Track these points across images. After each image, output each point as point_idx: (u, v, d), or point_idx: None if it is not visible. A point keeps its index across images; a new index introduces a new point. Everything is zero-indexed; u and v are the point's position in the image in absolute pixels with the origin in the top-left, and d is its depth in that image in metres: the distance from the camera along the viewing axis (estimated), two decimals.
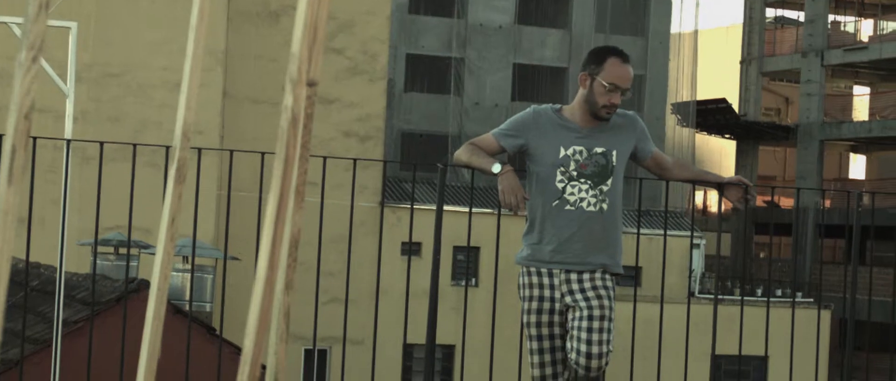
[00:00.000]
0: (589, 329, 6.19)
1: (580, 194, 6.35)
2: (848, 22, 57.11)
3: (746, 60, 56.04)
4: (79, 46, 18.13)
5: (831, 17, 55.12)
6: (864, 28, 57.12)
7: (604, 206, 6.37)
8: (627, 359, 8.45)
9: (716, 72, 60.68)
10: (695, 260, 43.65)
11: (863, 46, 52.79)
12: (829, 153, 55.34)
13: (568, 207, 6.34)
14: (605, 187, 6.37)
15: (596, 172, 6.37)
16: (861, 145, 56.93)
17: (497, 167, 6.32)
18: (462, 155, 6.48)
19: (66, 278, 16.03)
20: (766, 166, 58.81)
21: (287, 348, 1.91)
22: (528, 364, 6.48)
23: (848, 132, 53.06)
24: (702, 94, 53.70)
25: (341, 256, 33.12)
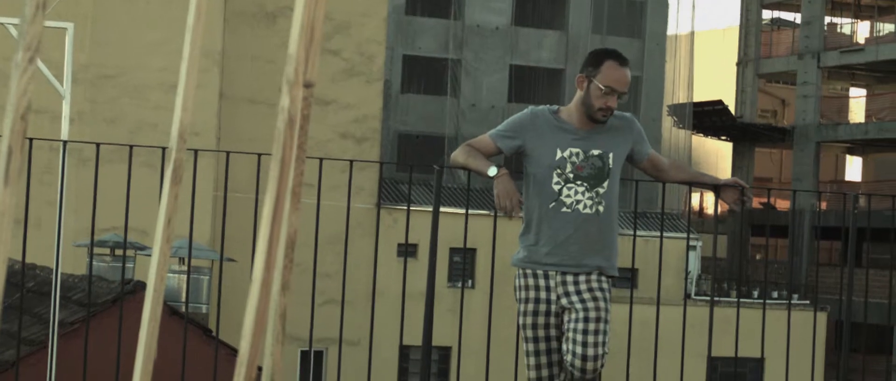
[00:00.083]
0: (585, 331, 6.19)
1: (576, 197, 6.34)
2: (844, 24, 57.13)
3: (743, 62, 56.05)
4: (75, 47, 18.12)
5: (828, 19, 55.13)
6: (860, 30, 57.14)
7: (600, 208, 6.37)
8: (623, 361, 8.46)
9: (712, 74, 60.71)
10: (691, 262, 43.66)
11: (859, 48, 52.81)
12: (825, 155, 55.35)
13: (564, 209, 6.34)
14: (601, 190, 6.37)
15: (592, 175, 6.36)
16: (857, 147, 56.95)
17: (493, 170, 6.31)
18: (458, 156, 6.48)
19: (63, 280, 16.01)
20: (762, 168, 58.82)
21: (283, 349, 1.91)
22: (525, 366, 6.48)
23: (844, 134, 53.08)
24: (698, 95, 53.72)
25: (338, 257, 33.17)
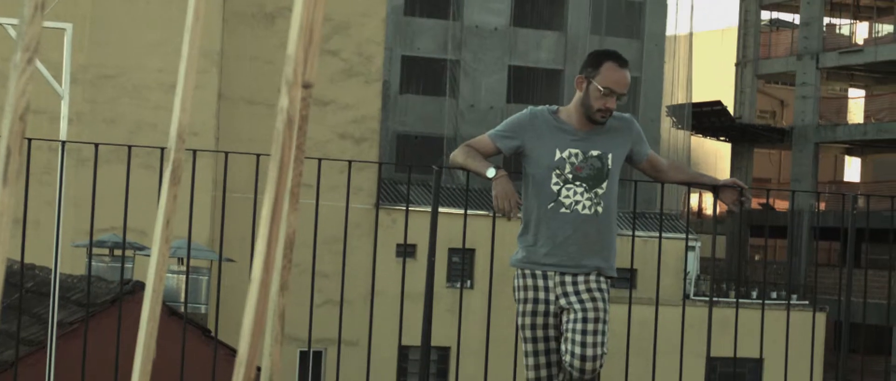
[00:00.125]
0: (583, 332, 6.19)
1: (575, 197, 6.34)
2: (843, 25, 57.14)
3: (741, 63, 56.06)
4: (74, 48, 18.12)
5: (826, 20, 55.15)
6: (859, 31, 57.15)
7: (599, 209, 6.36)
8: (622, 361, 8.46)
9: (711, 74, 60.72)
10: (690, 262, 43.66)
11: (858, 49, 52.81)
12: (824, 156, 55.36)
13: (563, 209, 6.34)
14: (600, 190, 6.37)
15: (591, 175, 6.36)
16: (856, 148, 56.96)
17: (491, 171, 6.31)
18: (457, 157, 6.47)
19: (61, 280, 16.01)
20: (761, 169, 58.83)
21: (282, 349, 1.91)
22: (523, 366, 6.48)
23: (843, 135, 53.09)
24: (697, 96, 53.73)
25: (336, 258, 33.14)
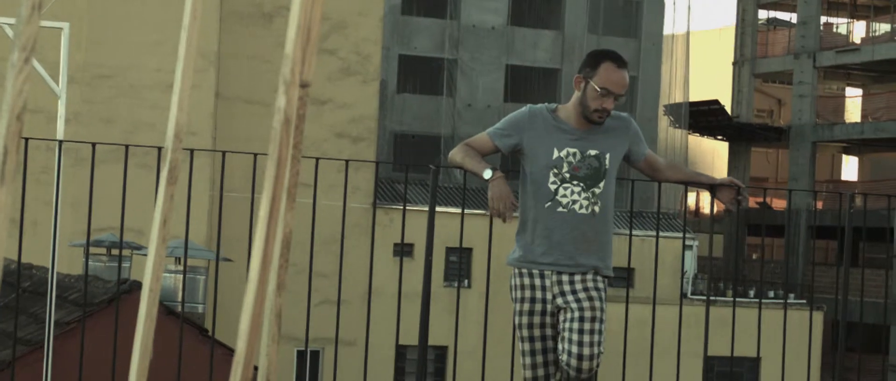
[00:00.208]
0: (580, 331, 6.19)
1: (572, 197, 6.34)
2: (840, 24, 57.16)
3: (739, 62, 56.08)
4: (71, 47, 18.13)
5: (824, 19, 55.16)
6: (856, 30, 57.17)
7: (596, 208, 6.36)
8: (620, 360, 8.46)
9: (708, 73, 60.73)
10: (687, 261, 43.65)
11: (855, 48, 52.83)
12: (821, 155, 55.38)
13: (560, 208, 6.34)
14: (597, 190, 6.37)
15: (589, 175, 6.36)
16: (853, 147, 56.98)
17: (488, 173, 6.31)
18: (456, 156, 6.47)
19: (59, 280, 16.01)
20: (758, 168, 58.84)
21: (279, 349, 1.91)
22: (521, 365, 6.48)
23: (840, 134, 53.11)
24: (694, 95, 53.74)
25: (334, 257, 33.15)
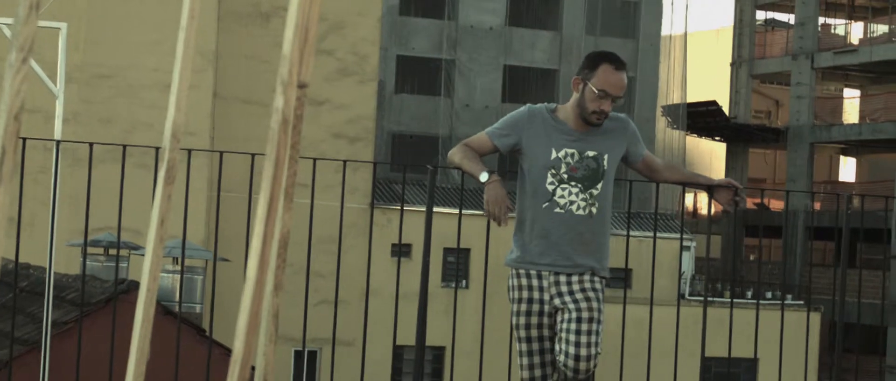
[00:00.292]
0: (577, 331, 6.19)
1: (570, 197, 6.34)
2: (838, 25, 57.17)
3: (737, 63, 56.09)
4: (69, 47, 18.11)
5: (822, 20, 55.17)
6: (854, 31, 57.17)
7: (593, 209, 6.36)
8: (617, 361, 8.46)
9: (706, 74, 60.72)
10: (685, 262, 43.67)
11: (853, 49, 52.84)
12: (819, 156, 55.39)
13: (557, 209, 6.34)
14: (595, 191, 6.37)
15: (586, 176, 6.36)
16: (851, 148, 57.00)
17: (484, 176, 6.30)
18: (455, 156, 6.47)
19: (56, 280, 16.01)
20: (756, 169, 58.86)
21: (276, 349, 1.91)
22: (518, 366, 6.48)
23: (838, 135, 53.12)
24: (692, 96, 53.73)
25: (331, 257, 33.13)
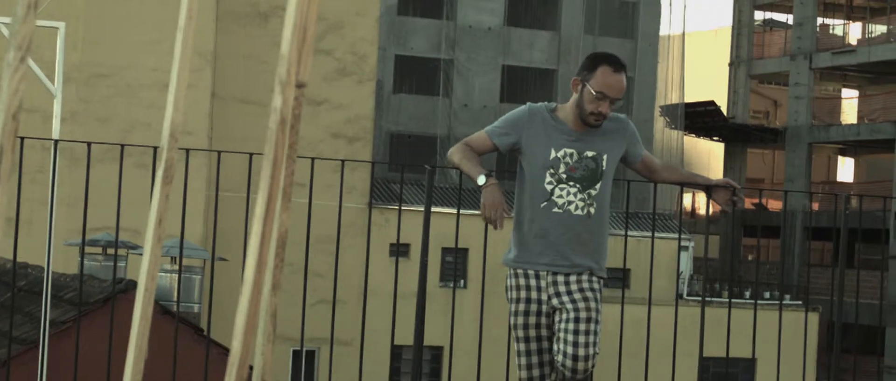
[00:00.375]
0: (575, 331, 6.19)
1: (568, 197, 6.34)
2: (836, 25, 57.18)
3: (735, 63, 56.10)
4: (67, 47, 18.12)
5: (820, 21, 55.19)
6: (852, 31, 57.19)
7: (591, 210, 6.36)
8: (615, 361, 8.46)
9: (704, 74, 60.74)
10: (683, 262, 43.67)
11: (851, 50, 52.85)
12: (817, 156, 55.41)
13: (556, 209, 6.33)
14: (593, 191, 6.36)
15: (585, 176, 6.36)
16: (849, 148, 57.02)
17: (482, 179, 6.29)
18: (454, 156, 6.47)
19: (54, 279, 16.00)
20: (754, 169, 58.88)
21: (274, 348, 1.91)
22: (516, 366, 6.48)
23: (836, 135, 53.14)
24: (690, 96, 53.75)
25: (329, 257, 33.13)
